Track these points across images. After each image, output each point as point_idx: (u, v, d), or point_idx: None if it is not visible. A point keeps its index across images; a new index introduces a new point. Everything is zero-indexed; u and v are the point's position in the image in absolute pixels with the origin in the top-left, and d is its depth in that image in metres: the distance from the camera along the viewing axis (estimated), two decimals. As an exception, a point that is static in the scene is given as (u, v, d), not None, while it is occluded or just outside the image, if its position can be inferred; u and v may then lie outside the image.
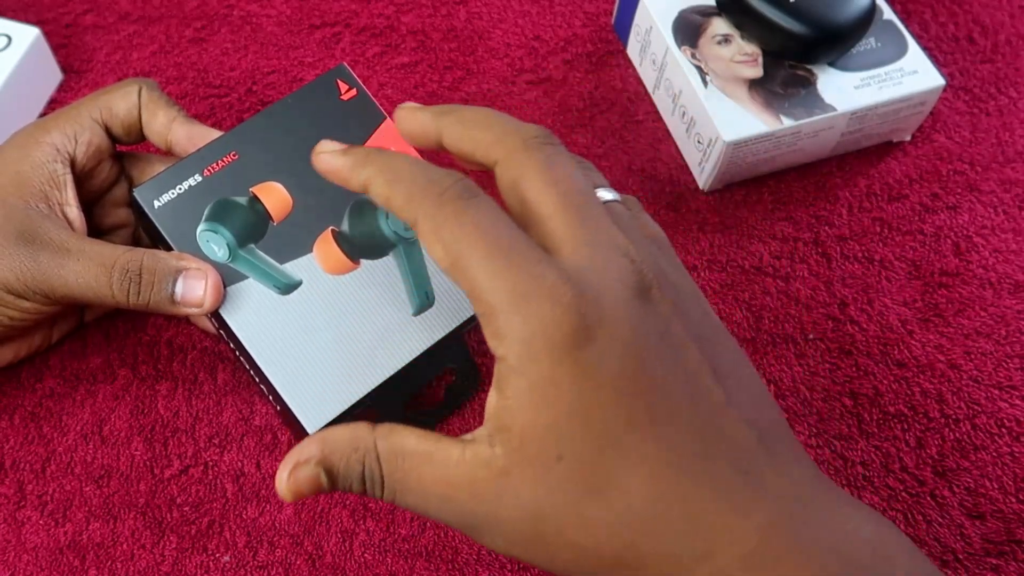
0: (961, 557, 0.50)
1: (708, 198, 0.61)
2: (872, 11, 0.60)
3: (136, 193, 0.47)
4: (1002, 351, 0.56)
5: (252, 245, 0.47)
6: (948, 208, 0.61)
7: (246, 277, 0.47)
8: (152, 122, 0.49)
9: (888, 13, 0.63)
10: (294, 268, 0.47)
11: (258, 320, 0.46)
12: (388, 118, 0.51)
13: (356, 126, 0.50)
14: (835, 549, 0.34)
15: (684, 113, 0.61)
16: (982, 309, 0.57)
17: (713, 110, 0.58)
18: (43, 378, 0.53)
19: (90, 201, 0.51)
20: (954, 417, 0.54)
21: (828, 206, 0.61)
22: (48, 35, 0.65)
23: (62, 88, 0.63)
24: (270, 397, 0.48)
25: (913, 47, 0.61)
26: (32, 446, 0.51)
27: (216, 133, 0.49)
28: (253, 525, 0.49)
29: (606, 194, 0.40)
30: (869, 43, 0.61)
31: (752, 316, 0.57)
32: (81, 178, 0.49)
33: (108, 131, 0.49)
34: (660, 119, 0.64)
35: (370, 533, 0.49)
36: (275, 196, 0.48)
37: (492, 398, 0.35)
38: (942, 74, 0.60)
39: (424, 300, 0.48)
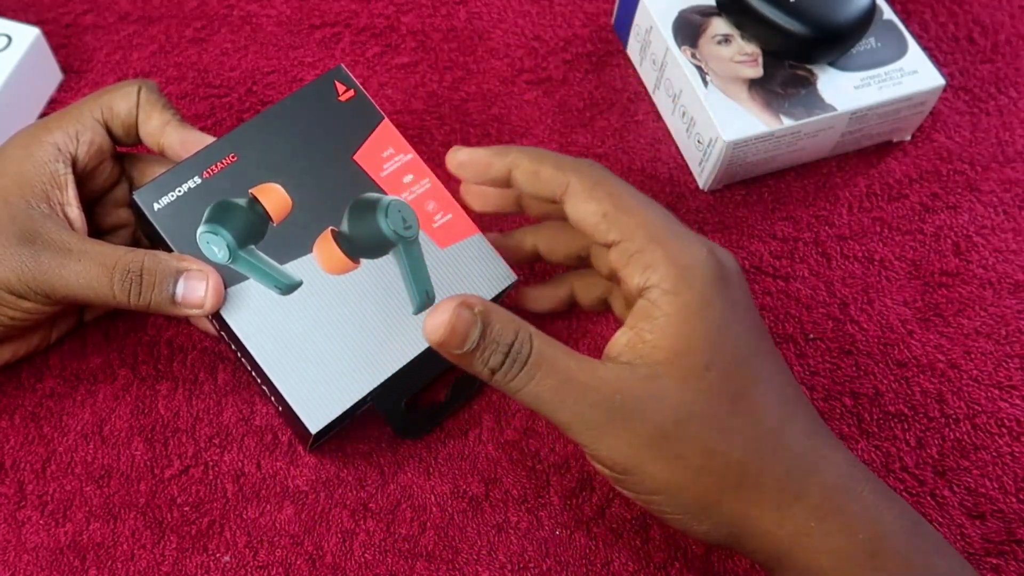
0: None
1: (708, 198, 0.61)
2: (872, 11, 0.60)
3: (136, 196, 0.47)
4: (1002, 351, 0.56)
5: (252, 246, 0.47)
6: (948, 208, 0.61)
7: (247, 278, 0.47)
8: (146, 124, 0.49)
9: (888, 13, 0.63)
10: (294, 268, 0.47)
11: (259, 320, 0.47)
12: (385, 118, 0.51)
13: (355, 126, 0.50)
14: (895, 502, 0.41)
15: (684, 113, 0.61)
16: (982, 309, 0.57)
17: (713, 110, 0.58)
18: (43, 378, 0.53)
19: (91, 201, 0.51)
20: (954, 417, 0.54)
21: (828, 206, 0.61)
22: (48, 35, 0.65)
23: (62, 88, 0.63)
24: (272, 397, 0.48)
25: (913, 47, 0.61)
26: (32, 446, 0.51)
27: (209, 139, 0.49)
28: (253, 525, 0.49)
29: None
30: (869, 43, 0.61)
31: (752, 316, 0.57)
32: (82, 178, 0.49)
33: (109, 131, 0.49)
34: (660, 119, 0.64)
35: (370, 533, 0.49)
36: (274, 197, 0.48)
37: (630, 329, 0.40)
38: (942, 74, 0.60)
39: (424, 299, 0.49)
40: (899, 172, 0.63)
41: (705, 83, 0.59)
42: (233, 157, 0.48)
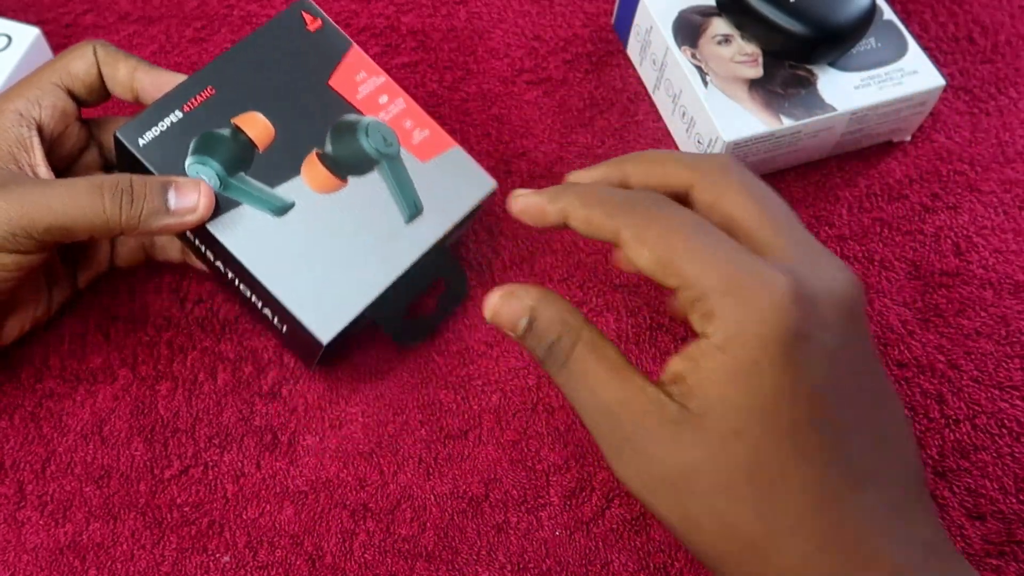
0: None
1: (708, 198, 0.61)
2: (872, 11, 0.60)
3: (119, 133, 0.47)
4: (1002, 351, 0.56)
5: (241, 173, 0.48)
6: (948, 208, 0.61)
7: (240, 204, 0.48)
8: (115, 75, 0.50)
9: (888, 13, 0.63)
10: (285, 191, 0.49)
11: (257, 242, 0.48)
12: (354, 44, 0.53)
13: (325, 54, 0.52)
14: None
15: (684, 113, 0.61)
16: (982, 309, 0.57)
17: (713, 110, 0.58)
18: (43, 378, 0.53)
19: (62, 168, 0.51)
20: (954, 417, 0.54)
21: (828, 206, 0.61)
22: (48, 35, 0.65)
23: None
24: (275, 319, 0.50)
25: (913, 47, 0.61)
26: (32, 446, 0.51)
27: (181, 76, 0.50)
28: (253, 525, 0.49)
29: None
30: (869, 43, 0.61)
31: (752, 316, 0.57)
32: (50, 144, 0.49)
33: (71, 94, 0.49)
34: (660, 119, 0.64)
35: (370, 534, 0.49)
36: (257, 125, 0.49)
37: (681, 362, 0.37)
38: (942, 74, 0.60)
39: (414, 208, 0.51)
40: (899, 172, 0.63)
41: (705, 83, 0.59)
42: (211, 90, 0.49)
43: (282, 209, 0.49)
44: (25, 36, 0.60)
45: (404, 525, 0.49)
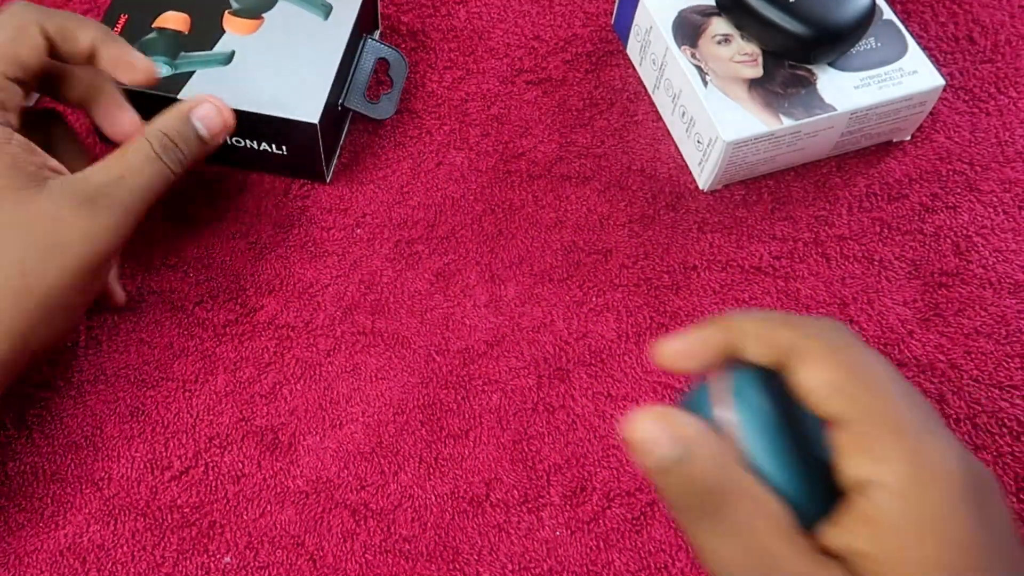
0: (962, 557, 0.50)
1: (708, 198, 0.61)
2: (872, 11, 0.60)
3: None
4: (1002, 351, 0.56)
5: (182, 53, 0.58)
6: (948, 208, 0.61)
7: (194, 72, 0.57)
8: (73, 50, 0.49)
9: (888, 13, 0.63)
10: (222, 46, 0.59)
11: (225, 88, 0.56)
12: None
13: None
14: None
15: (684, 113, 0.61)
16: (982, 309, 0.57)
17: (713, 110, 0.58)
18: (43, 379, 0.53)
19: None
20: (955, 417, 0.54)
21: (828, 206, 0.61)
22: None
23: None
24: (274, 147, 0.58)
25: (913, 47, 0.61)
26: (32, 447, 0.51)
27: (139, 55, 0.51)
28: (254, 526, 0.49)
29: None
30: (869, 43, 0.61)
31: (752, 316, 0.57)
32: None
33: (20, 82, 0.47)
34: (660, 119, 0.64)
35: (371, 534, 0.49)
36: (173, 19, 0.59)
37: (853, 528, 0.33)
38: (942, 74, 0.60)
39: (327, 7, 0.61)
40: (899, 172, 0.63)
41: (705, 83, 0.59)
42: (125, 17, 0.59)
43: (227, 58, 0.58)
44: None
45: (405, 525, 0.49)
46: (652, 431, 0.34)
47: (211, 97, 0.51)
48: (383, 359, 0.54)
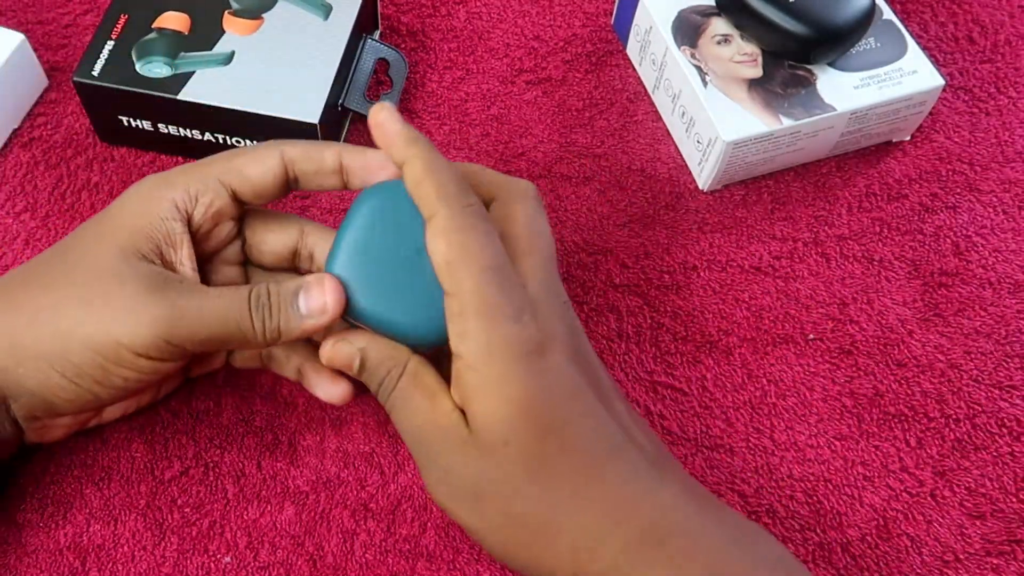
0: (961, 557, 0.50)
1: (707, 198, 0.61)
2: (872, 11, 0.60)
3: (76, 81, 0.57)
4: (1002, 351, 0.56)
5: (182, 53, 0.58)
6: (948, 208, 0.61)
7: (194, 72, 0.57)
8: (321, 167, 0.47)
9: (888, 13, 0.63)
10: (222, 46, 0.59)
11: (225, 89, 0.57)
12: None
13: None
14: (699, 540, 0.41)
15: (684, 113, 0.61)
16: (982, 309, 0.57)
17: (713, 110, 0.58)
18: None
19: (202, 259, 0.48)
20: (954, 417, 0.54)
21: (828, 206, 0.61)
22: (47, 35, 0.65)
23: (47, 95, 0.63)
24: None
25: (913, 47, 0.61)
26: (30, 452, 0.50)
27: (382, 155, 0.47)
28: (254, 526, 0.49)
29: None
30: (869, 43, 0.61)
31: (752, 316, 0.57)
32: (197, 238, 0.47)
33: (235, 195, 0.47)
34: (660, 119, 0.64)
35: (371, 533, 0.49)
36: (173, 19, 0.59)
37: (454, 381, 0.42)
38: (942, 74, 0.60)
39: (327, 7, 0.61)
40: (899, 172, 0.63)
41: (705, 83, 0.59)
42: (125, 16, 0.59)
43: (227, 58, 0.58)
44: (8, 42, 0.59)
45: (405, 525, 0.49)
46: (336, 352, 0.45)
47: (329, 278, 0.44)
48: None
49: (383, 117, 0.43)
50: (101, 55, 0.57)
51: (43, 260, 0.46)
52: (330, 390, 0.48)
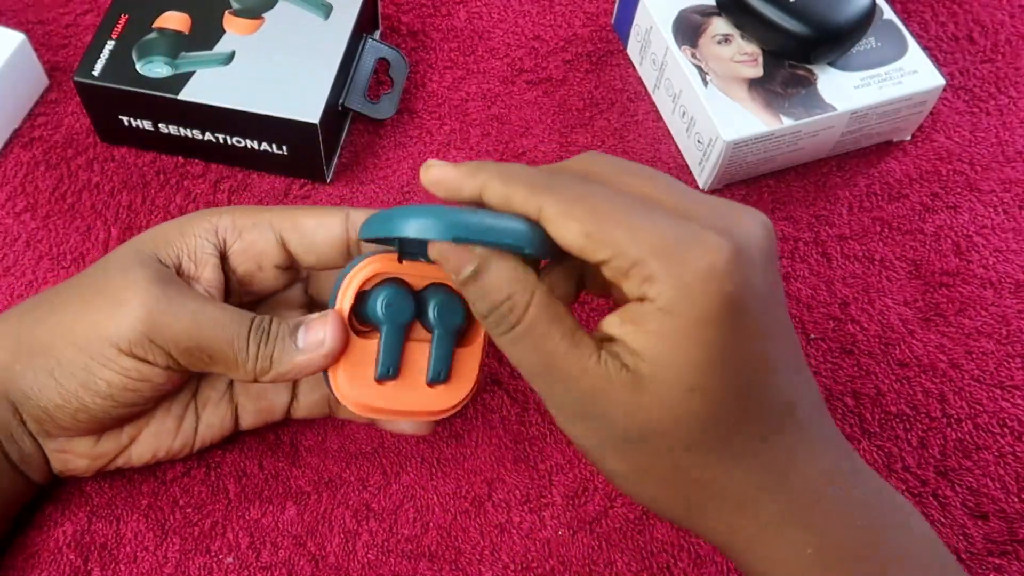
0: (964, 557, 0.50)
1: (709, 198, 0.61)
2: (872, 11, 0.60)
3: (76, 81, 0.57)
4: (1003, 350, 0.56)
5: (183, 53, 0.58)
6: (948, 208, 0.61)
7: (194, 72, 0.57)
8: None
9: (888, 13, 0.63)
10: (222, 47, 0.58)
11: (226, 89, 0.57)
12: None
13: None
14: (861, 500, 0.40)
15: (684, 113, 0.61)
16: (983, 309, 0.58)
17: (713, 110, 0.58)
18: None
19: (251, 300, 0.48)
20: (956, 417, 0.54)
21: (828, 206, 0.61)
22: (48, 35, 0.65)
23: (47, 95, 0.63)
24: (274, 147, 0.58)
25: (913, 47, 0.61)
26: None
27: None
28: (256, 526, 0.49)
29: None
30: (869, 43, 0.61)
31: (753, 316, 0.57)
32: (238, 278, 0.46)
33: (284, 243, 0.46)
34: (660, 119, 0.64)
35: (373, 534, 0.49)
36: (174, 19, 0.59)
37: (620, 326, 0.37)
38: (942, 74, 0.60)
39: (327, 7, 0.61)
40: (899, 172, 0.63)
41: (705, 83, 0.59)
42: (126, 17, 0.59)
43: (227, 58, 0.58)
44: (9, 41, 0.59)
45: (407, 525, 0.49)
46: (453, 251, 0.38)
47: (333, 315, 0.43)
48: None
49: (434, 176, 0.40)
50: (101, 55, 0.57)
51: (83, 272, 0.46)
52: (401, 424, 0.47)
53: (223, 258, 0.45)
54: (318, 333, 0.42)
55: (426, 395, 0.44)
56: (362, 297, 0.43)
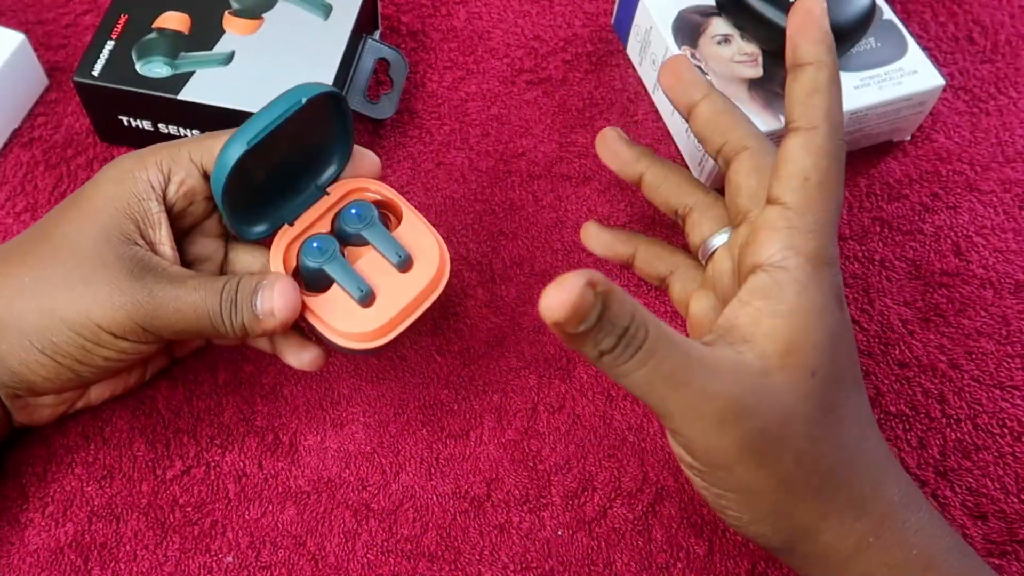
0: (963, 557, 0.50)
1: (709, 198, 0.61)
2: (872, 11, 0.60)
3: (76, 81, 0.57)
4: (1003, 351, 0.56)
5: (182, 53, 0.58)
6: (948, 208, 0.61)
7: (194, 71, 0.57)
8: None
9: (888, 13, 0.63)
10: (222, 47, 0.59)
11: (226, 89, 0.57)
12: None
13: None
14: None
15: (685, 113, 0.61)
16: (983, 309, 0.58)
17: (714, 110, 0.58)
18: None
19: (179, 234, 0.49)
20: (956, 417, 0.54)
21: (828, 206, 0.61)
22: (48, 35, 0.65)
23: (46, 95, 0.63)
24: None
25: (913, 47, 0.61)
26: (33, 447, 0.50)
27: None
28: (256, 525, 0.49)
29: None
30: (869, 43, 0.61)
31: (753, 316, 0.57)
32: (172, 216, 0.47)
33: (206, 173, 0.47)
34: (660, 119, 0.64)
35: (372, 534, 0.49)
36: (173, 19, 0.59)
37: (746, 309, 0.40)
38: (942, 74, 0.60)
39: (327, 7, 0.61)
40: (899, 172, 0.63)
41: (706, 83, 0.59)
42: (125, 17, 0.59)
43: (227, 58, 0.58)
44: (9, 41, 0.59)
45: (406, 525, 0.49)
46: (574, 298, 0.34)
47: (281, 278, 0.45)
48: (383, 359, 0.54)
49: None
50: (101, 55, 0.57)
51: (25, 239, 0.47)
52: (299, 356, 0.48)
53: (165, 204, 0.47)
54: (267, 302, 0.44)
55: (411, 281, 0.47)
56: (298, 268, 0.47)
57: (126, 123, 0.59)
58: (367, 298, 0.46)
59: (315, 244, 0.47)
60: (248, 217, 0.47)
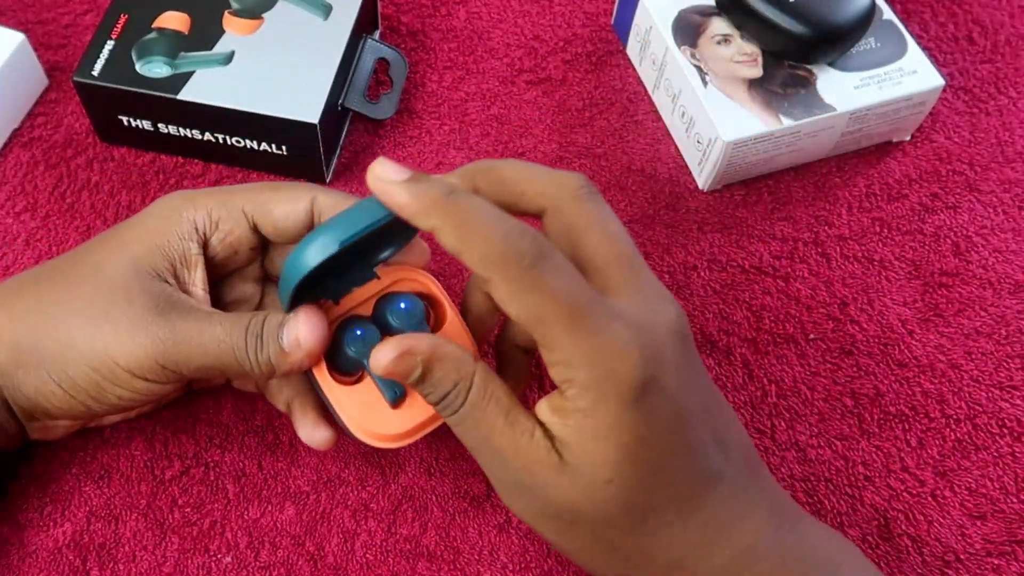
0: (962, 557, 0.50)
1: (708, 198, 0.61)
2: (872, 11, 0.60)
3: (76, 81, 0.57)
4: (1003, 351, 0.56)
5: (182, 52, 0.58)
6: (948, 208, 0.61)
7: (195, 71, 0.57)
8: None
9: (888, 13, 0.63)
10: (222, 46, 0.59)
11: (225, 89, 0.57)
12: None
13: None
14: (798, 555, 0.41)
15: (684, 113, 0.61)
16: (982, 309, 0.57)
17: (713, 110, 0.58)
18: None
19: (217, 277, 0.48)
20: (955, 417, 0.54)
21: (828, 206, 0.61)
22: (47, 35, 0.65)
23: (46, 95, 0.63)
24: (274, 147, 0.58)
25: (913, 47, 0.61)
26: (32, 447, 0.50)
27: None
28: (255, 526, 0.49)
29: None
30: (869, 43, 0.61)
31: (753, 316, 0.57)
32: (212, 262, 0.47)
33: (256, 229, 0.47)
34: (660, 119, 0.64)
35: (371, 534, 0.49)
36: (173, 19, 0.60)
37: (550, 415, 0.39)
38: (942, 74, 0.60)
39: (327, 7, 0.61)
40: (899, 172, 0.63)
41: (704, 83, 0.59)
42: (125, 17, 0.59)
43: (227, 58, 0.58)
44: (9, 41, 0.59)
45: (406, 525, 0.49)
46: (398, 364, 0.39)
47: (308, 311, 0.43)
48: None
49: (385, 195, 0.39)
50: (101, 55, 0.57)
51: (62, 261, 0.46)
52: (312, 434, 0.47)
53: (205, 249, 0.46)
54: (293, 331, 0.43)
55: None
56: (334, 349, 0.44)
57: (126, 123, 0.59)
58: (399, 401, 0.44)
59: (358, 332, 0.44)
60: (300, 299, 0.44)
